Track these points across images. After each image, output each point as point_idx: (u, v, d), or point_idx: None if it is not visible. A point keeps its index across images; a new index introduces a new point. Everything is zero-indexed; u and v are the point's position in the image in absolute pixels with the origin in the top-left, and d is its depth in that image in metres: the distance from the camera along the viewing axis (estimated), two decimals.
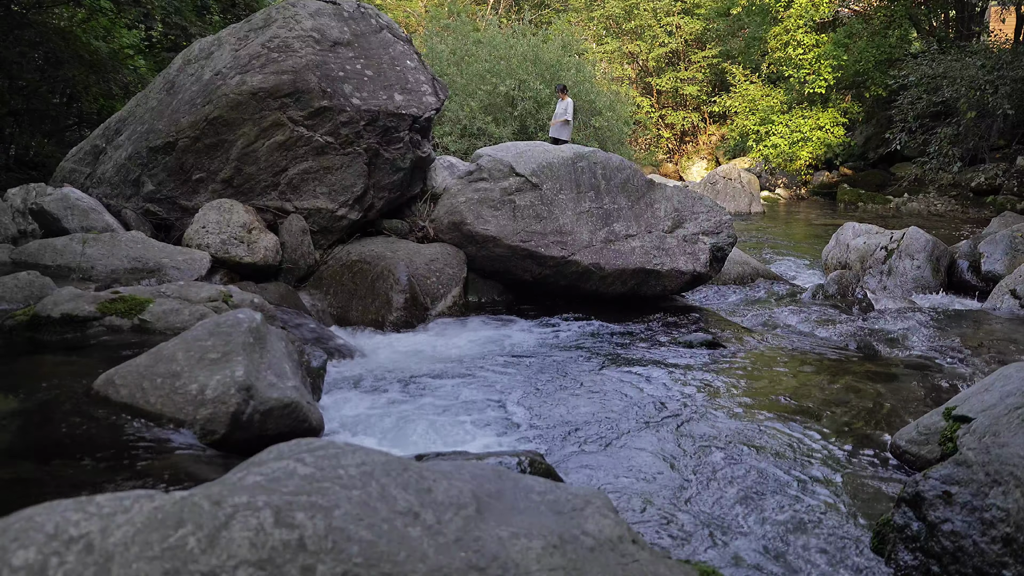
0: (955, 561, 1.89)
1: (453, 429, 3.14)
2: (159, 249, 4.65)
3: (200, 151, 5.32)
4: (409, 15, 23.91)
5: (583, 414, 3.35)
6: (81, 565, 1.03)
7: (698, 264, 5.83)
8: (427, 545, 1.21)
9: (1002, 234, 7.13)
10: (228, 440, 2.33)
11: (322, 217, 5.46)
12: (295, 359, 2.89)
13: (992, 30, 17.69)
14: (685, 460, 2.83)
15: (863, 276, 7.39)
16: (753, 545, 2.21)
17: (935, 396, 3.64)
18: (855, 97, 20.43)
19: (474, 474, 1.53)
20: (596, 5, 25.29)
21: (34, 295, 3.58)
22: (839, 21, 20.67)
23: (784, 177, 20.56)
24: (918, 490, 2.04)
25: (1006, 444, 1.96)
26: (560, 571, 1.28)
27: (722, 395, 3.65)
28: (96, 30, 8.73)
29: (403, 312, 4.99)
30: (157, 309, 3.28)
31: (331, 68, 5.44)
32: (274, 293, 4.78)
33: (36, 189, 5.13)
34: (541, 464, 2.33)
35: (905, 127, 13.90)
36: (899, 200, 16.24)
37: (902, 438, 2.79)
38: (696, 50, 24.63)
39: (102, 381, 2.46)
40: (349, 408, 3.33)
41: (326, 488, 1.25)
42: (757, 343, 4.73)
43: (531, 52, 15.49)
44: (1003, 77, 12.13)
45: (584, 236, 5.59)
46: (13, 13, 7.83)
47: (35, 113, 8.47)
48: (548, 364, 4.17)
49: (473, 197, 5.65)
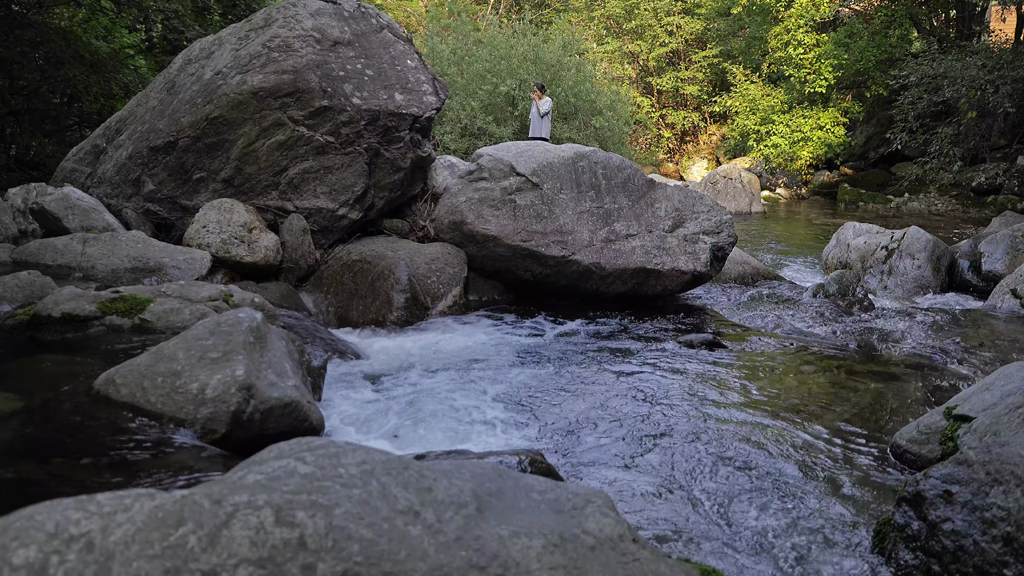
0: (956, 560, 1.89)
1: (453, 428, 3.14)
2: (160, 249, 4.65)
3: (201, 151, 5.32)
4: (410, 15, 23.93)
5: (583, 413, 3.35)
6: (82, 564, 1.03)
7: (698, 264, 5.83)
8: (428, 544, 1.21)
9: (1003, 234, 7.12)
10: (229, 439, 2.33)
11: (323, 217, 5.46)
12: (295, 358, 2.89)
13: (992, 30, 17.69)
14: (685, 459, 2.83)
15: (864, 276, 7.39)
16: (753, 544, 2.21)
17: (936, 395, 3.64)
18: (856, 97, 20.44)
19: (474, 473, 1.53)
20: (596, 5, 25.30)
21: (35, 294, 3.58)
22: (840, 21, 20.68)
23: (785, 177, 20.56)
24: (919, 489, 2.04)
25: (1007, 443, 1.96)
26: (560, 570, 1.27)
27: (722, 395, 3.65)
28: (96, 30, 8.73)
29: (404, 311, 4.99)
30: (158, 308, 3.28)
31: (332, 68, 5.44)
32: (275, 293, 4.78)
33: (37, 189, 5.13)
34: (541, 463, 2.33)
35: (906, 127, 13.89)
36: (900, 200, 16.24)
37: (903, 437, 2.79)
38: (697, 50, 24.63)
39: (103, 380, 2.46)
40: (349, 407, 3.33)
41: (327, 487, 1.25)
42: (758, 343, 4.73)
43: (532, 52, 15.50)
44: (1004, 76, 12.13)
45: (585, 236, 5.59)
46: (14, 13, 7.83)
47: (36, 113, 8.47)
48: (549, 363, 4.17)
49: (474, 197, 5.65)
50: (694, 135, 25.71)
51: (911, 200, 15.93)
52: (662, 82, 24.49)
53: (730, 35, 23.76)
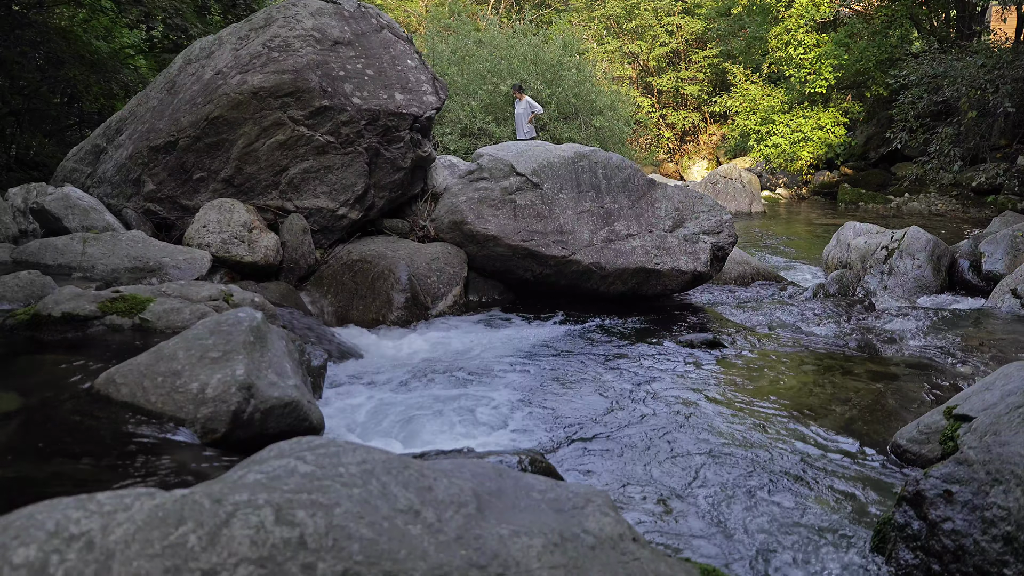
0: (956, 560, 1.89)
1: (453, 427, 3.14)
2: (160, 248, 4.65)
3: (201, 150, 5.32)
4: (410, 15, 23.93)
5: (583, 413, 3.35)
6: (82, 563, 1.03)
7: (699, 263, 5.83)
8: (428, 543, 1.21)
9: (1003, 233, 7.12)
10: (229, 438, 2.33)
11: (323, 216, 5.46)
12: (296, 358, 2.89)
13: (993, 29, 17.68)
14: (686, 459, 2.83)
15: (864, 275, 7.39)
16: (753, 543, 2.21)
17: (936, 395, 3.64)
18: (856, 97, 20.43)
19: (475, 472, 1.53)
20: (597, 5, 25.30)
21: (35, 294, 3.57)
22: (840, 21, 20.67)
23: (785, 177, 20.57)
24: (919, 489, 2.04)
25: (1007, 443, 1.96)
26: (561, 569, 1.27)
27: (723, 394, 3.65)
28: (97, 30, 8.73)
29: (404, 311, 4.99)
30: (158, 308, 3.27)
31: (332, 67, 5.44)
32: (275, 292, 4.78)
33: (37, 188, 5.13)
34: (541, 462, 2.33)
35: (906, 127, 13.88)
36: (900, 200, 16.24)
37: (903, 437, 2.79)
38: (697, 50, 24.63)
39: (103, 380, 2.46)
40: (350, 407, 3.33)
41: (327, 486, 1.25)
42: (758, 342, 4.73)
43: (532, 52, 15.51)
44: (1004, 76, 12.11)
45: (585, 235, 5.59)
46: (14, 13, 7.83)
47: (36, 113, 8.47)
48: (549, 363, 4.17)
49: (474, 196, 5.65)
50: (694, 135, 25.71)
51: (911, 200, 15.93)
52: (662, 82, 24.48)
53: (730, 35, 23.75)
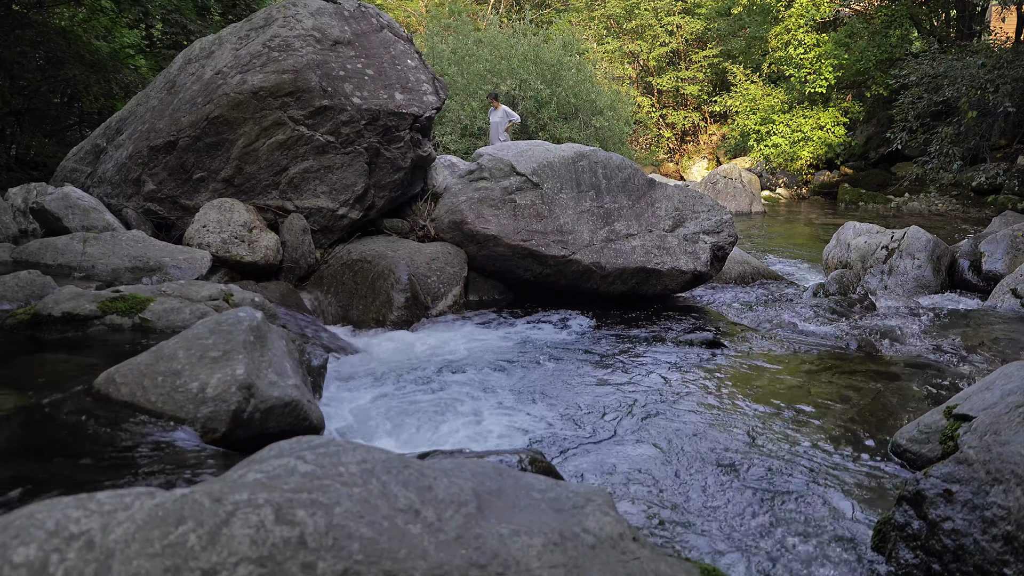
0: (956, 559, 1.89)
1: (453, 427, 3.14)
2: (160, 248, 4.65)
3: (201, 150, 5.32)
4: (410, 15, 23.93)
5: (583, 412, 3.35)
6: (82, 562, 1.03)
7: (699, 263, 5.83)
8: (428, 542, 1.21)
9: (1003, 233, 7.12)
10: (229, 438, 2.33)
11: (323, 216, 5.46)
12: (296, 358, 2.89)
13: (993, 29, 17.69)
14: (686, 459, 2.83)
15: (864, 275, 7.39)
16: (753, 543, 2.21)
17: (936, 395, 3.64)
18: (856, 96, 20.44)
19: (475, 472, 1.53)
20: (597, 5, 25.30)
21: (35, 294, 3.58)
22: (840, 20, 20.68)
23: (785, 177, 20.57)
24: (919, 488, 2.04)
25: (1007, 442, 1.96)
26: (561, 568, 1.27)
27: (723, 394, 3.65)
28: (97, 29, 8.73)
29: (404, 311, 4.99)
30: (158, 308, 3.27)
31: (332, 67, 5.44)
32: (275, 292, 4.78)
33: (37, 188, 5.13)
34: (541, 462, 2.33)
35: (906, 126, 13.88)
36: (900, 200, 16.24)
37: (903, 437, 2.79)
38: (697, 50, 24.62)
39: (103, 379, 2.46)
40: (350, 406, 3.33)
41: (327, 485, 1.25)
42: (758, 342, 4.73)
43: (532, 52, 15.50)
44: (1004, 76, 12.12)
45: (585, 235, 5.59)
46: (14, 13, 7.83)
47: (36, 113, 8.47)
48: (549, 363, 4.17)
49: (474, 196, 5.65)
50: (694, 135, 25.70)
51: (911, 200, 15.93)
52: (662, 82, 24.48)
53: (730, 35, 23.75)
